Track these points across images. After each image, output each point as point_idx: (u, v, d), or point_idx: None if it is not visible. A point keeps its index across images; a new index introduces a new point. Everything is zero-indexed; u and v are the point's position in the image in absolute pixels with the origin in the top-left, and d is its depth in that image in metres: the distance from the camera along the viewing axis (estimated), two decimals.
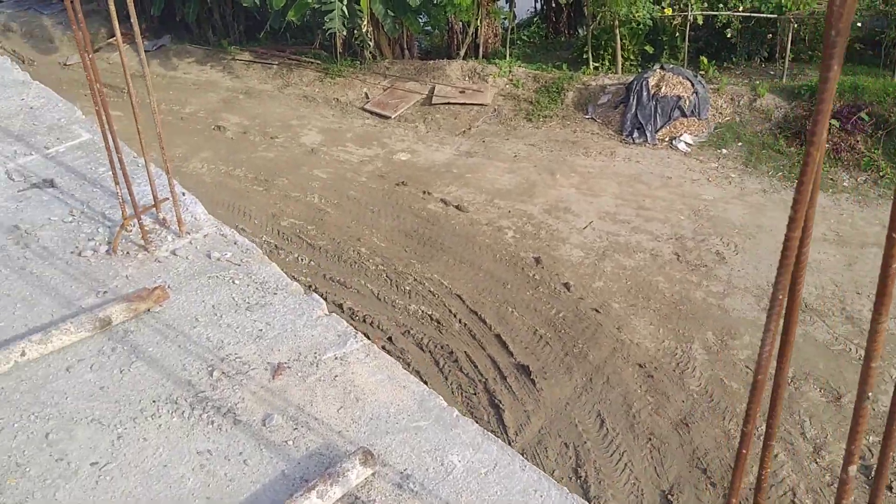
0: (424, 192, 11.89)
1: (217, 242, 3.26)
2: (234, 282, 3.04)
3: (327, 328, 2.83)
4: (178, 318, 2.86)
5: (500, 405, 7.99)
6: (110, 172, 3.38)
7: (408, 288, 9.74)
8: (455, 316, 9.24)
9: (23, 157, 3.90)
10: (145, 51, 17.34)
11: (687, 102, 13.21)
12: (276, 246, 10.61)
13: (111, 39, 17.75)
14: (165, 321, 2.83)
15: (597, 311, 9.24)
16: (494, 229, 10.88)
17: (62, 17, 18.82)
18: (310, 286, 9.76)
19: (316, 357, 2.71)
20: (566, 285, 9.64)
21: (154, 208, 3.30)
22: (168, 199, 3.25)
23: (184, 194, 3.43)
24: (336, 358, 2.69)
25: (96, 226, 3.39)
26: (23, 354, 2.59)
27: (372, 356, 2.72)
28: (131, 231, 3.26)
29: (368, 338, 2.70)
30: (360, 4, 14.80)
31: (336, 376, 2.62)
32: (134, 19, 2.68)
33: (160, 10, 16.96)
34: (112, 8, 2.61)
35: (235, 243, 3.28)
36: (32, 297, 2.99)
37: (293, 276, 9.80)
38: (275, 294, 3.00)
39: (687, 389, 8.25)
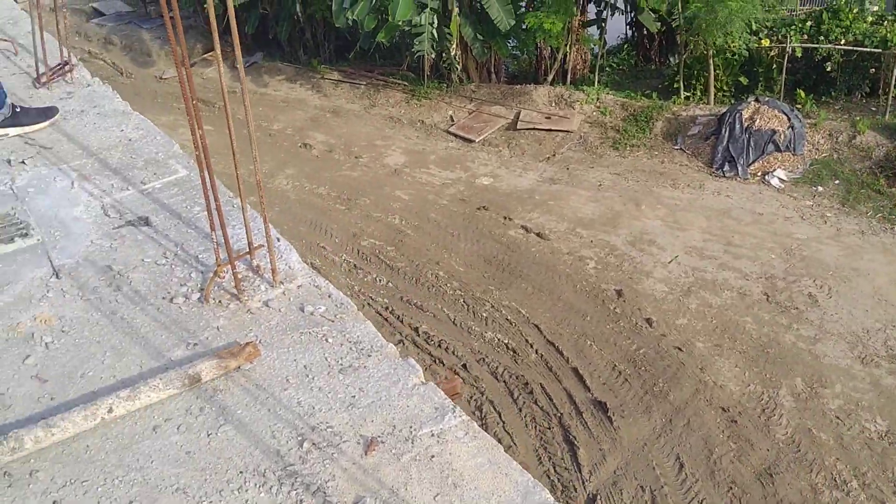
0: (505, 218, 11.76)
1: (311, 295, 3.13)
2: (327, 340, 2.90)
3: (423, 399, 2.64)
4: (268, 377, 2.73)
5: (575, 442, 7.75)
6: (205, 213, 3.29)
7: (484, 314, 9.60)
8: (531, 346, 9.05)
9: (119, 191, 3.88)
10: (237, 67, 17.85)
11: (782, 136, 12.76)
12: (354, 265, 10.62)
13: (206, 55, 18.25)
14: (255, 380, 2.71)
15: (679, 349, 8.92)
16: (576, 259, 10.66)
17: (160, 31, 19.46)
18: (387, 307, 9.73)
19: (411, 432, 2.53)
20: (648, 321, 9.35)
21: (248, 255, 3.19)
22: (263, 245, 3.14)
23: (278, 240, 3.32)
24: (433, 435, 2.50)
25: (189, 270, 3.31)
26: (110, 411, 2.52)
27: (471, 435, 2.52)
28: (224, 278, 3.16)
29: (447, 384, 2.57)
30: (449, 28, 14.84)
31: (432, 456, 2.43)
32: (235, 39, 2.63)
33: (254, 27, 17.36)
34: (214, 23, 2.55)
35: (329, 296, 3.14)
36: (122, 345, 2.91)
37: (370, 297, 9.82)
38: (369, 356, 2.84)
39: (772, 438, 7.86)
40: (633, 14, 17.42)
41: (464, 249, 11.01)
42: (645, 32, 17.49)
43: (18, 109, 4.39)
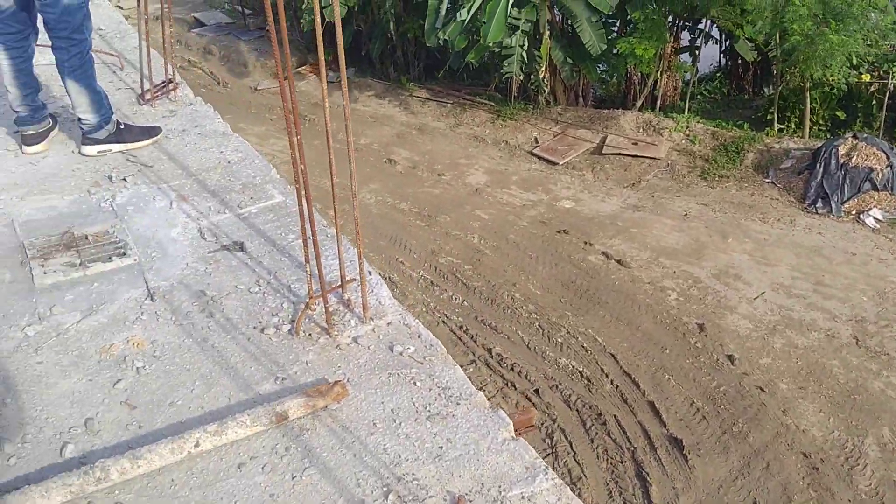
0: (586, 243, 11.61)
1: (400, 333, 3.06)
2: (415, 383, 2.82)
3: (514, 456, 2.51)
4: (355, 420, 2.66)
5: (648, 478, 7.55)
6: (299, 241, 3.29)
7: (560, 340, 9.47)
8: (607, 376, 8.88)
9: (216, 214, 3.90)
10: (329, 81, 18.06)
11: (879, 175, 12.27)
12: (431, 282, 10.64)
13: (300, 68, 18.65)
14: (342, 422, 2.64)
15: (762, 389, 8.61)
16: (657, 289, 10.43)
17: (257, 43, 19.98)
18: (461, 326, 9.69)
19: (500, 492, 2.42)
20: (730, 357, 9.06)
21: (340, 288, 3.16)
22: (355, 279, 3.11)
23: (370, 274, 3.28)
24: (523, 497, 2.36)
25: (281, 300, 3.30)
26: (197, 445, 2.50)
27: (564, 501, 2.39)
28: (314, 311, 3.14)
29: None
30: (539, 50, 14.80)
31: None
32: (341, 53, 2.64)
33: (347, 43, 17.66)
34: (320, 36, 2.56)
35: (419, 336, 3.08)
36: (212, 374, 2.89)
37: (445, 315, 9.79)
38: (458, 404, 2.73)
39: (855, 488, 7.50)
40: (727, 42, 17.08)
41: (541, 272, 10.90)
42: (739, 62, 17.12)
43: (122, 126, 4.47)
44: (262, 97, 17.81)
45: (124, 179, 4.18)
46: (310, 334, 3.01)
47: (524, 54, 14.51)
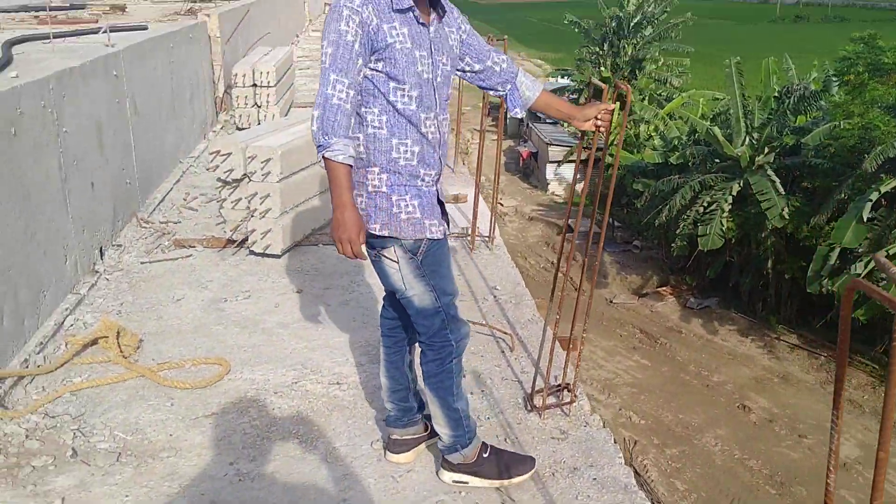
0: None
1: None
2: None
3: None
4: None
5: None
6: None
7: None
8: None
9: None
10: (689, 307, 17.38)
11: None
12: None
13: (659, 288, 18.18)
14: None
15: None
16: None
17: (620, 256, 20.00)
18: None
19: None
20: None
21: None
22: None
23: None
24: None
25: None
26: None
27: None
28: None
29: None
30: None
31: None
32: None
33: (715, 272, 16.89)
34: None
35: None
36: None
37: None
38: None
39: None
40: None
41: None
42: None
43: (487, 454, 3.35)
44: (616, 311, 17.48)
45: None
46: None
47: None
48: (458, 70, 3.13)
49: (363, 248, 2.74)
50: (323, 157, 2.67)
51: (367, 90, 2.80)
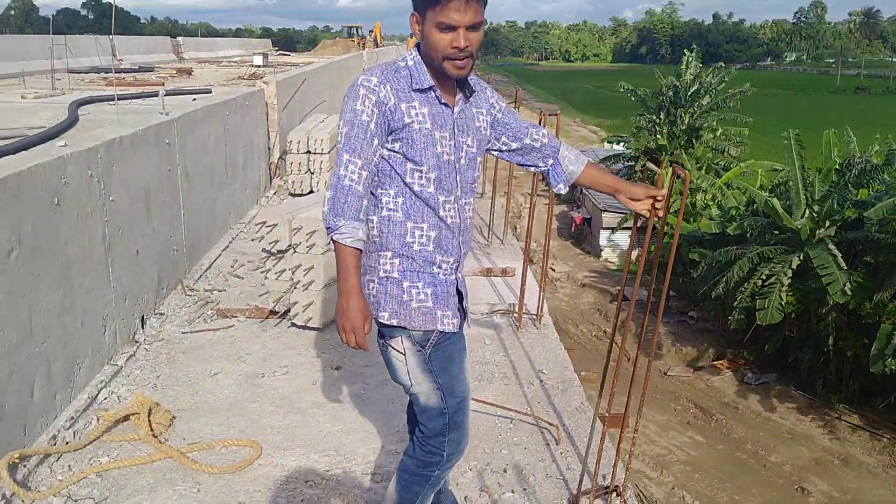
0: None
1: None
2: None
3: None
4: None
5: None
6: None
7: None
8: None
9: None
10: (746, 383, 16.77)
11: None
12: None
13: (716, 362, 17.65)
14: None
15: None
16: None
17: (675, 327, 19.54)
18: None
19: None
20: None
21: None
22: None
23: None
24: None
25: None
26: None
27: None
28: None
29: None
30: None
31: None
32: None
33: (774, 347, 16.31)
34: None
35: None
36: None
37: None
38: None
39: None
40: None
41: None
42: None
43: None
44: (670, 383, 16.98)
45: None
46: None
47: None
48: (494, 150, 2.98)
49: (366, 338, 2.55)
50: (331, 239, 2.54)
51: (384, 171, 2.66)
